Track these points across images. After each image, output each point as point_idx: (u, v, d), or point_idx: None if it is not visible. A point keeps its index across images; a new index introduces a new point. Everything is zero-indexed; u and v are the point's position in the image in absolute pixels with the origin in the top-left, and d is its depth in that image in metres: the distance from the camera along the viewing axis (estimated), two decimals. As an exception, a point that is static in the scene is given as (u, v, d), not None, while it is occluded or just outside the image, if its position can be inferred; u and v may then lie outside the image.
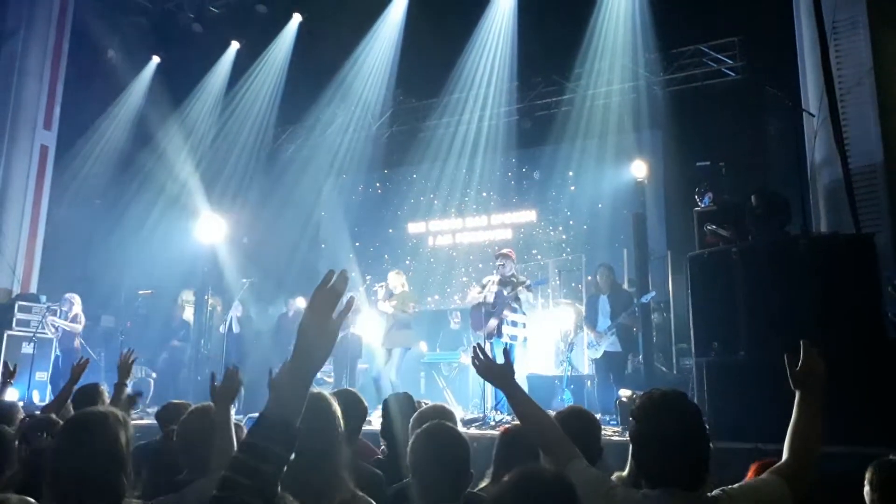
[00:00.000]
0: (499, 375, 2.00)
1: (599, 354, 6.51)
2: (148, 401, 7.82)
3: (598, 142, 9.35)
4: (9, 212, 9.13)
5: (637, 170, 7.71)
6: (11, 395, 5.06)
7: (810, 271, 4.30)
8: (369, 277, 9.79)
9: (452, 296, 10.42)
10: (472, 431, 5.22)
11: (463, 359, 7.93)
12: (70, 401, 3.40)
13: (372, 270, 10.33)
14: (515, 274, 6.63)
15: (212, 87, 10.87)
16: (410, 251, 11.04)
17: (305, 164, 11.37)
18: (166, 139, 10.45)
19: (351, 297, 1.30)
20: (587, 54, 9.02)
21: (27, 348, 8.02)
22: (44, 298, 8.60)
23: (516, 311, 6.35)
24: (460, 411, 6.80)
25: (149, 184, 10.34)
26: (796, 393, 1.87)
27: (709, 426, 4.16)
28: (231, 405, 2.15)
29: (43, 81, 9.53)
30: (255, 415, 1.18)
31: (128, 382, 3.26)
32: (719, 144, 7.77)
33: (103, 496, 1.69)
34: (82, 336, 8.19)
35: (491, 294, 6.39)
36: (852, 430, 3.58)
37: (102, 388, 3.48)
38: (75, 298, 8.25)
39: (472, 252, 10.58)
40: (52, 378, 7.90)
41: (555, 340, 7.76)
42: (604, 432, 4.74)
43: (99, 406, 2.32)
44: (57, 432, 1.92)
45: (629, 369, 6.70)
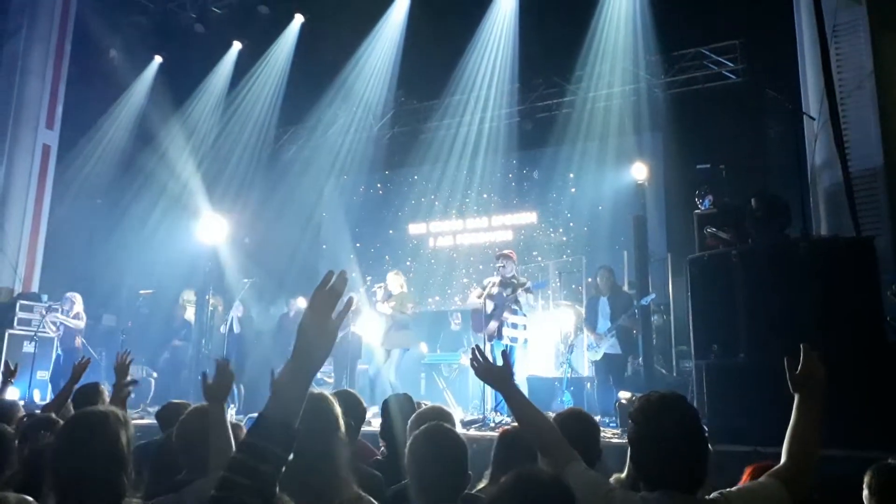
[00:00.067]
0: (497, 377, 2.01)
1: (599, 356, 6.50)
2: (149, 400, 7.84)
3: (599, 144, 9.36)
4: (11, 211, 9.14)
5: (637, 172, 7.70)
6: (12, 394, 5.07)
7: (810, 274, 4.29)
8: (370, 278, 9.80)
9: (453, 297, 10.42)
10: (472, 433, 5.22)
11: (463, 360, 7.92)
12: (70, 400, 3.41)
13: (372, 271, 10.34)
14: (516, 275, 6.58)
15: (213, 88, 10.87)
16: (411, 252, 11.04)
17: (307, 165, 11.38)
18: (168, 139, 10.46)
19: (350, 298, 1.30)
20: (588, 56, 9.03)
21: (28, 347, 8.03)
22: (45, 297, 8.60)
23: (517, 314, 6.33)
24: (460, 412, 6.80)
25: (150, 183, 10.34)
26: (795, 396, 1.86)
27: (708, 429, 4.17)
28: (225, 401, 2.12)
29: (45, 81, 9.54)
30: (256, 415, 1.19)
31: (130, 389, 3.26)
32: (720, 147, 7.78)
33: (103, 496, 1.69)
34: (83, 335, 8.20)
35: (490, 303, 6.36)
36: (851, 434, 3.59)
37: (103, 388, 3.48)
38: (76, 297, 8.26)
39: (473, 253, 10.59)
40: (53, 377, 7.90)
41: (555, 342, 7.75)
42: (603, 434, 4.75)
43: (99, 406, 2.32)
44: (58, 432, 1.92)
45: (629, 371, 6.70)
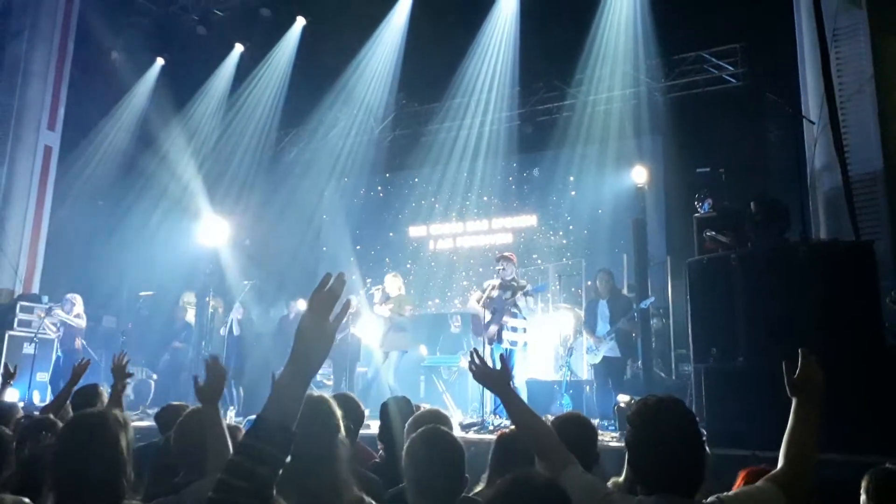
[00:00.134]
0: (495, 381, 2.01)
1: (598, 359, 6.50)
2: (149, 402, 7.84)
3: (599, 147, 9.37)
4: (12, 212, 9.16)
5: (637, 175, 7.71)
6: (12, 396, 5.08)
7: (809, 278, 4.29)
8: (370, 280, 9.80)
9: (453, 300, 10.42)
10: (471, 436, 5.21)
11: (462, 363, 7.92)
12: (69, 402, 3.41)
13: (373, 274, 10.34)
14: (516, 278, 6.55)
15: (215, 90, 10.89)
16: (411, 255, 11.04)
17: (308, 167, 11.40)
18: (169, 141, 10.48)
19: (348, 300, 1.31)
20: (588, 60, 9.04)
21: (28, 348, 8.04)
22: (46, 299, 8.61)
23: (516, 317, 6.30)
24: (459, 415, 6.80)
25: (152, 185, 10.36)
26: (793, 400, 1.87)
27: (707, 432, 4.17)
28: (219, 401, 2.11)
29: (47, 82, 9.57)
30: (255, 417, 1.20)
31: (128, 382, 3.25)
32: (720, 151, 7.77)
33: (103, 497, 1.69)
34: (83, 336, 8.20)
35: (490, 306, 6.35)
36: (849, 438, 3.59)
37: (102, 390, 3.48)
38: (76, 299, 8.27)
39: (473, 256, 10.59)
40: (53, 379, 7.91)
41: (554, 345, 7.75)
42: (602, 438, 4.75)
43: (99, 408, 2.32)
44: (58, 434, 1.92)
45: (628, 375, 6.70)
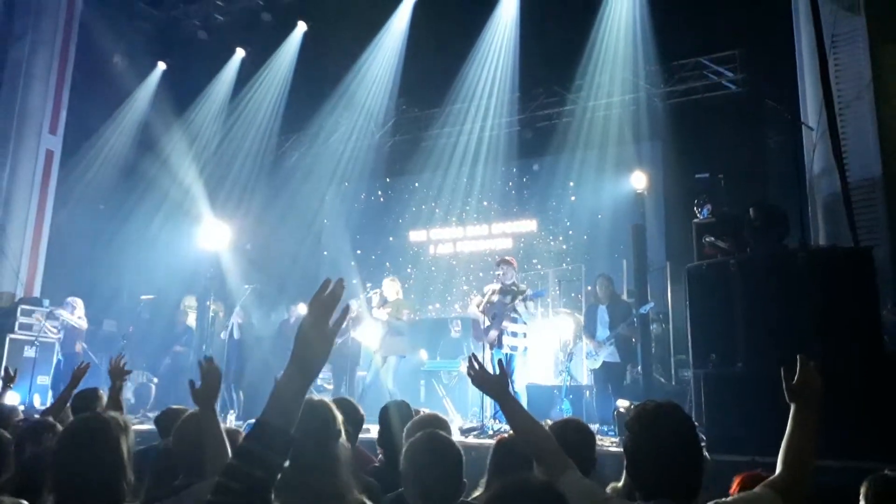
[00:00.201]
0: (494, 386, 2.01)
1: (598, 365, 6.50)
2: (149, 406, 7.84)
3: (599, 153, 9.38)
4: (14, 215, 9.18)
5: (637, 181, 7.72)
6: (12, 399, 5.08)
7: (808, 284, 4.29)
8: (370, 285, 9.81)
9: (453, 304, 10.43)
10: (470, 440, 5.22)
11: (462, 367, 7.92)
12: (69, 405, 3.42)
13: (373, 278, 10.34)
14: (516, 282, 6.54)
15: (216, 94, 10.93)
16: (411, 259, 11.06)
17: (308, 172, 11.40)
18: (171, 145, 10.51)
19: (347, 305, 1.33)
20: (588, 66, 9.06)
21: (29, 352, 8.04)
22: (47, 302, 8.62)
23: (516, 322, 6.29)
24: (459, 420, 6.79)
25: (153, 189, 10.37)
26: (792, 406, 1.87)
27: (706, 438, 4.18)
28: (215, 403, 2.10)
29: (49, 86, 9.60)
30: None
31: (126, 380, 3.24)
32: (719, 156, 7.79)
33: (103, 500, 1.70)
34: (84, 340, 8.21)
35: (490, 311, 6.35)
36: (848, 444, 3.59)
37: (101, 393, 3.48)
38: (77, 302, 8.28)
39: (473, 261, 10.60)
40: (54, 382, 7.91)
41: (554, 350, 7.75)
42: (601, 443, 4.76)
43: (100, 411, 2.33)
44: (59, 436, 1.93)
45: (628, 380, 6.69)
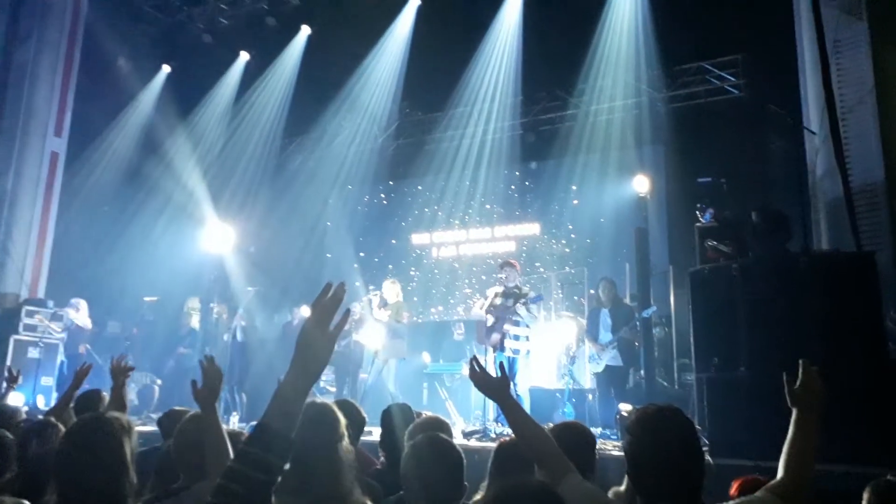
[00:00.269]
0: (495, 388, 2.02)
1: (601, 368, 6.50)
2: (153, 407, 7.86)
3: (601, 157, 9.39)
4: (18, 217, 9.21)
5: (639, 185, 7.72)
6: (16, 400, 5.11)
7: (811, 289, 4.29)
8: (372, 287, 9.82)
9: (456, 307, 10.44)
10: (473, 443, 5.22)
11: (465, 370, 7.93)
12: (72, 406, 3.42)
13: (375, 281, 10.33)
14: (518, 285, 6.53)
15: (220, 98, 10.98)
16: (414, 262, 11.08)
17: (312, 175, 11.45)
18: (175, 148, 10.55)
19: (347, 309, 1.34)
20: (591, 70, 9.08)
21: (33, 353, 8.08)
22: (51, 303, 8.66)
23: (518, 325, 6.29)
24: (462, 423, 6.80)
25: (157, 192, 10.41)
26: (793, 411, 1.87)
27: (709, 442, 4.17)
28: (216, 402, 2.10)
29: (54, 88, 9.64)
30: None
31: (129, 375, 3.23)
32: (721, 160, 7.78)
33: (105, 501, 1.71)
34: (89, 341, 8.23)
35: (492, 314, 6.35)
36: (851, 449, 3.59)
37: (104, 395, 3.49)
38: (81, 304, 8.32)
39: (476, 264, 10.61)
40: (58, 383, 7.94)
41: (557, 354, 7.75)
42: (604, 446, 4.76)
43: (104, 412, 2.34)
44: (62, 437, 1.94)
45: (630, 383, 6.69)
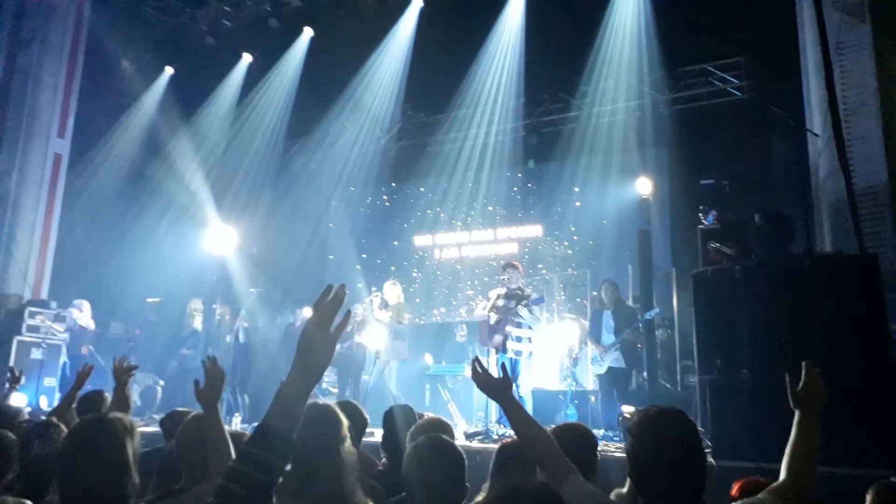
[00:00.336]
0: (497, 389, 2.03)
1: (604, 370, 6.50)
2: (155, 408, 7.87)
3: (604, 158, 9.39)
4: (22, 218, 9.25)
5: (642, 187, 7.72)
6: (19, 400, 5.13)
7: (814, 291, 4.27)
8: (374, 289, 9.84)
9: (458, 308, 10.44)
10: (475, 445, 5.21)
11: (467, 371, 7.93)
12: (74, 407, 3.43)
13: (378, 282, 10.31)
14: (521, 287, 6.51)
15: (223, 99, 11.00)
16: (416, 263, 11.08)
17: (314, 176, 11.46)
18: (178, 149, 10.58)
19: (348, 311, 1.34)
20: (593, 72, 9.08)
21: (36, 354, 8.11)
22: (54, 304, 8.69)
23: (521, 326, 6.28)
24: (464, 424, 6.80)
25: (160, 193, 10.44)
26: (796, 413, 1.88)
27: (711, 444, 4.17)
28: (218, 402, 2.10)
29: (58, 90, 9.68)
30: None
31: (133, 375, 3.24)
32: (724, 163, 7.77)
33: (107, 502, 1.72)
34: (92, 342, 8.25)
35: (495, 315, 6.35)
36: (854, 451, 3.58)
37: (107, 396, 3.49)
38: (84, 305, 8.34)
39: (478, 265, 10.61)
40: (61, 384, 7.97)
41: (559, 355, 7.74)
42: (606, 448, 4.75)
43: (107, 413, 2.35)
44: (64, 437, 1.94)
45: (633, 385, 6.68)
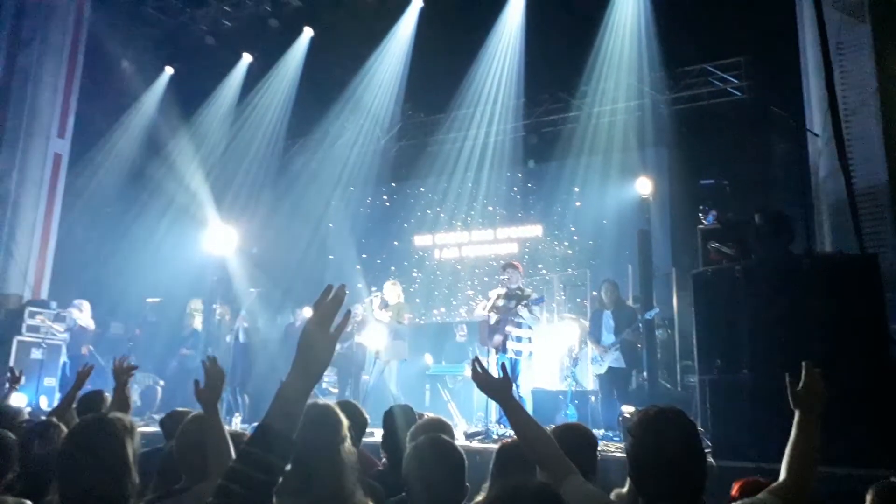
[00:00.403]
0: (497, 389, 2.03)
1: (604, 370, 6.50)
2: (156, 408, 7.87)
3: (604, 158, 9.39)
4: (22, 218, 9.25)
5: (642, 187, 7.72)
6: (19, 400, 5.13)
7: (814, 291, 4.27)
8: (375, 289, 9.84)
9: (458, 308, 10.43)
10: (475, 445, 5.21)
11: (467, 371, 7.93)
12: (74, 407, 3.43)
13: (378, 282, 10.31)
14: (521, 287, 6.51)
15: (223, 99, 11.00)
16: (416, 263, 11.08)
17: (314, 176, 11.46)
18: (178, 149, 10.58)
19: (348, 311, 1.34)
20: (593, 72, 9.08)
21: (36, 354, 8.11)
22: (54, 304, 8.69)
23: (521, 326, 6.27)
24: (464, 424, 6.80)
25: (160, 193, 10.44)
26: (796, 413, 1.88)
27: (711, 444, 4.17)
28: (218, 402, 2.10)
29: (57, 90, 9.68)
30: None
31: (133, 375, 3.24)
32: (724, 163, 7.77)
33: (107, 502, 1.72)
34: (92, 342, 8.25)
35: (495, 315, 6.35)
36: (854, 451, 3.58)
37: (106, 395, 3.49)
38: (84, 305, 8.34)
39: (478, 265, 10.61)
40: (61, 384, 7.97)
41: (559, 355, 7.75)
42: (606, 448, 4.75)
43: (107, 413, 2.35)
44: (64, 437, 1.95)
45: (633, 385, 6.68)
